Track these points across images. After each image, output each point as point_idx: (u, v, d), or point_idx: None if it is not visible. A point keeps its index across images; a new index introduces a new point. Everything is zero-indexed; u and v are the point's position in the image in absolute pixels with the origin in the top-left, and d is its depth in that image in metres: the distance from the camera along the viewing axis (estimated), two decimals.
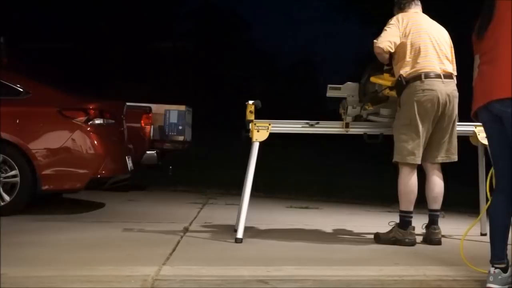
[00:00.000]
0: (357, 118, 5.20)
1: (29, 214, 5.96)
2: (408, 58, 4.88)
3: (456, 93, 4.94)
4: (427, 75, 4.83)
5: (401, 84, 4.87)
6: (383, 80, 5.05)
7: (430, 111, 4.83)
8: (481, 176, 5.47)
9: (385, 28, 4.95)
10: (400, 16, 5.01)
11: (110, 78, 20.74)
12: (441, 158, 5.04)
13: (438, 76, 4.84)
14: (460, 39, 5.15)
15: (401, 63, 4.92)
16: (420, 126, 4.84)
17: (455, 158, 5.07)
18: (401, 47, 4.91)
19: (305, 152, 16.76)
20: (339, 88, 5.20)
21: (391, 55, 4.98)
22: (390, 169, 5.08)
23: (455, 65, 5.06)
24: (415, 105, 4.83)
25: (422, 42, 4.88)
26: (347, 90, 5.19)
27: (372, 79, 5.08)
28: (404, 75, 4.88)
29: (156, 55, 25.45)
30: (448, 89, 4.87)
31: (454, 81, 4.95)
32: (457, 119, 5.02)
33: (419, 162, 4.91)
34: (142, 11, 25.41)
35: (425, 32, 4.92)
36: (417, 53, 4.87)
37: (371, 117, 5.20)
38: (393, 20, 4.99)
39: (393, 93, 5.00)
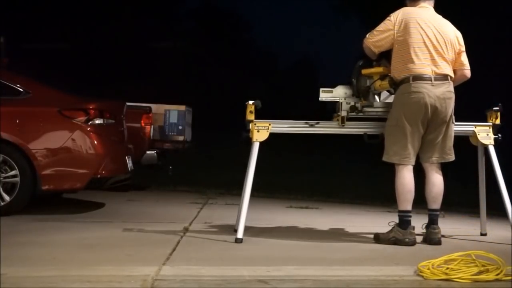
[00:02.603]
0: (352, 110, 5.17)
1: (29, 214, 5.97)
2: (401, 58, 4.89)
3: (450, 94, 4.91)
4: (415, 78, 4.83)
5: (393, 85, 4.93)
6: (375, 69, 5.08)
7: (417, 114, 4.84)
8: (481, 176, 5.48)
9: (381, 24, 4.95)
10: (400, 12, 4.95)
11: (110, 78, 20.73)
12: (436, 158, 5.04)
13: (428, 78, 4.83)
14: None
15: (394, 62, 4.95)
16: (408, 127, 4.86)
17: (450, 158, 5.07)
18: (394, 46, 4.92)
19: (305, 152, 16.76)
20: (331, 91, 5.21)
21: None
22: (389, 169, 5.08)
23: (465, 61, 5.02)
24: (401, 107, 4.87)
25: (415, 42, 4.85)
26: (339, 92, 5.20)
27: (364, 71, 5.11)
28: (395, 76, 4.92)
29: (156, 55, 25.44)
30: (439, 91, 4.85)
31: (448, 82, 4.91)
32: (452, 120, 5.01)
33: (408, 163, 4.91)
34: (142, 11, 25.41)
35: (422, 31, 4.86)
36: (408, 54, 4.85)
37: (366, 109, 5.20)
38: (391, 17, 4.94)
39: (385, 84, 5.02)
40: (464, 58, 5.05)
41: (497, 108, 5.26)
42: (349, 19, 25.92)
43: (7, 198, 6.01)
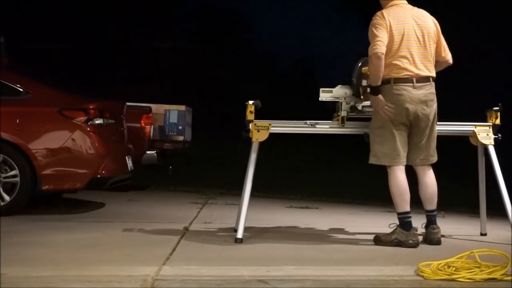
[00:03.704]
0: (352, 110, 5.17)
1: (29, 214, 5.97)
2: (385, 60, 4.83)
3: (432, 96, 4.90)
4: (396, 80, 4.82)
5: (375, 86, 4.86)
6: None
7: (398, 116, 4.83)
8: (480, 176, 5.48)
9: (376, 32, 4.80)
10: (384, 14, 4.86)
11: (110, 78, 20.73)
12: (420, 161, 5.02)
13: (409, 81, 4.81)
14: (457, 39, 5.11)
15: None
16: (393, 128, 4.85)
17: (434, 159, 5.05)
18: None
19: (305, 152, 16.76)
20: (331, 91, 5.20)
21: None
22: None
23: (447, 53, 4.99)
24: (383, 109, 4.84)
25: (399, 45, 4.81)
26: (339, 92, 5.19)
27: (364, 69, 5.09)
28: None
29: (156, 55, 25.44)
30: (420, 93, 4.83)
31: (430, 84, 4.89)
32: (436, 121, 5.00)
33: (399, 164, 4.89)
34: (142, 11, 25.40)
35: (406, 33, 4.82)
36: (392, 57, 4.81)
37: (366, 109, 5.19)
38: (380, 21, 4.84)
39: None
40: (444, 44, 5.00)
41: (497, 108, 5.26)
42: (349, 19, 25.92)
43: (7, 198, 6.01)
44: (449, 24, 5.15)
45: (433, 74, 4.94)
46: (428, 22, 4.95)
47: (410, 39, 4.84)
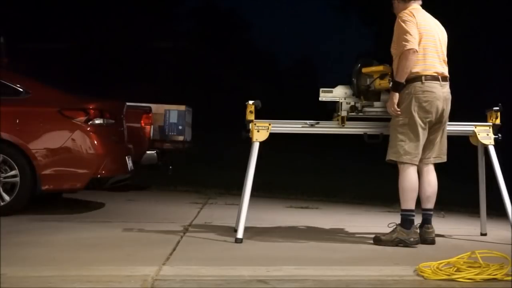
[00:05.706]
0: (352, 110, 5.16)
1: (29, 214, 5.97)
2: None
3: (450, 96, 5.00)
4: (427, 77, 4.87)
5: (400, 83, 4.88)
6: (375, 67, 5.08)
7: (428, 113, 4.88)
8: (481, 176, 5.48)
9: (407, 28, 4.82)
10: (413, 13, 4.92)
11: (110, 78, 20.72)
12: (434, 158, 5.09)
13: (437, 79, 4.90)
14: (457, 39, 5.14)
15: None
16: (420, 126, 4.87)
17: (445, 158, 5.14)
18: None
19: (305, 152, 16.76)
20: (331, 91, 5.21)
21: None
22: (389, 168, 5.08)
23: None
24: (415, 105, 4.86)
25: (428, 44, 4.90)
26: (339, 92, 5.20)
27: (364, 69, 5.11)
28: None
29: (156, 55, 25.44)
30: (444, 91, 4.95)
31: (448, 84, 5.00)
32: (447, 119, 5.06)
33: (416, 162, 4.92)
34: (142, 11, 25.40)
35: (431, 34, 4.95)
36: (421, 55, 4.87)
37: (366, 109, 5.19)
38: (410, 17, 4.88)
39: (385, 82, 5.01)
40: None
41: (497, 108, 5.27)
42: (349, 19, 25.92)
43: (7, 198, 6.02)
44: (449, 24, 5.16)
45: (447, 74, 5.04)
46: (444, 31, 5.10)
47: (435, 39, 4.96)
